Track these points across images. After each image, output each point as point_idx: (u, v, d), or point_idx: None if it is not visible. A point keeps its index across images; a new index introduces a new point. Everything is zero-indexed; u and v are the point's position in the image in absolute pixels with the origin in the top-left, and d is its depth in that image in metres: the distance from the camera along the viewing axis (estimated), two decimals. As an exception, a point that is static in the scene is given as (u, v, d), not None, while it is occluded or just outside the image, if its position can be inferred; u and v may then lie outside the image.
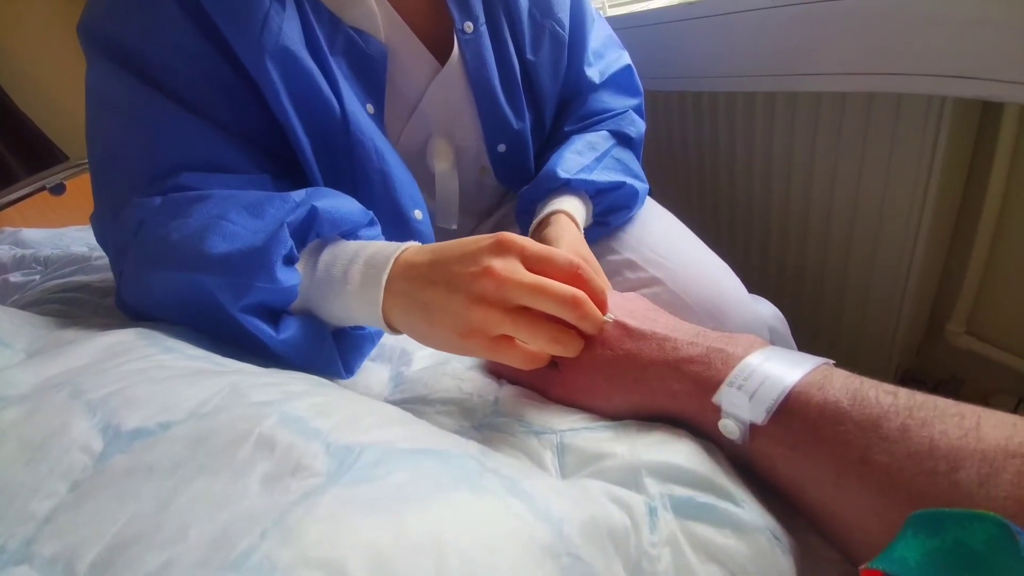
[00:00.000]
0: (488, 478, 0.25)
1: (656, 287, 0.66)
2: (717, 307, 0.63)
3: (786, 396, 0.27)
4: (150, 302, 0.45)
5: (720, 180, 1.13)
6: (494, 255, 0.35)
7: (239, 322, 0.39)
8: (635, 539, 0.25)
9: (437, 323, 0.36)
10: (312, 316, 0.43)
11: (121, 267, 0.47)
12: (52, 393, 0.27)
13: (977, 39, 0.62)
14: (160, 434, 0.24)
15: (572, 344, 0.36)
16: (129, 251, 0.45)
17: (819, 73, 0.79)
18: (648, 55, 1.05)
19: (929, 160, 0.77)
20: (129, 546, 0.19)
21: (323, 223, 0.42)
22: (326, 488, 0.21)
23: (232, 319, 0.39)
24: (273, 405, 0.26)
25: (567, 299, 0.34)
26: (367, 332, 0.46)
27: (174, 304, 0.43)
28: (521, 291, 0.34)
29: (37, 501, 0.22)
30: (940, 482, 0.22)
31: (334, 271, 0.41)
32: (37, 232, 1.13)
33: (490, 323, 0.35)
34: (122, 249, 0.46)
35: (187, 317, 0.43)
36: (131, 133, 0.49)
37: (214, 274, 0.39)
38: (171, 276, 0.41)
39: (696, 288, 0.65)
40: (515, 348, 0.36)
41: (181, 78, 0.49)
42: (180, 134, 0.49)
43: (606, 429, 0.33)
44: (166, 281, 0.42)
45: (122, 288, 0.48)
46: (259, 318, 0.39)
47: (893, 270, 0.89)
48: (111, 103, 0.50)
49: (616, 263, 0.70)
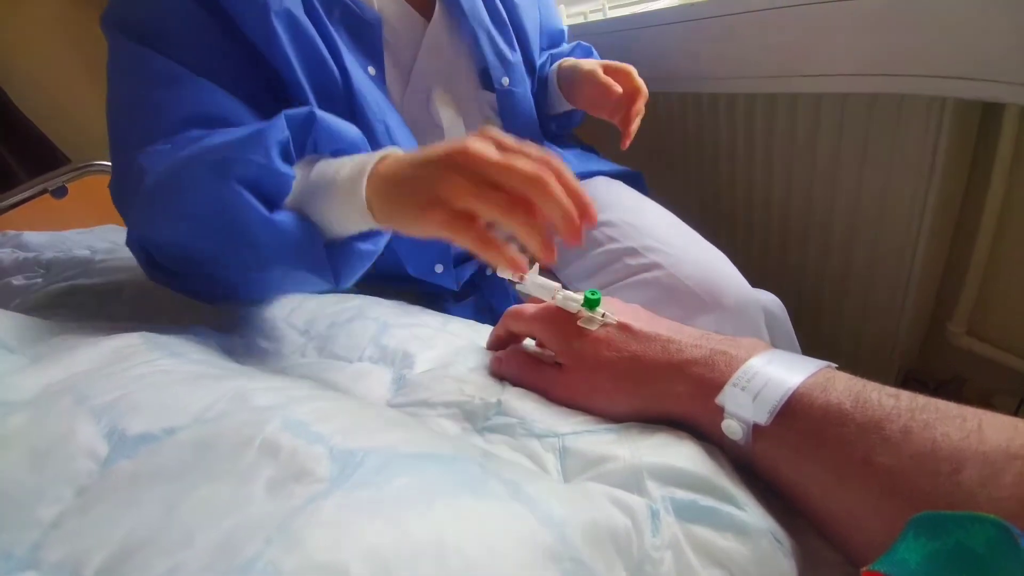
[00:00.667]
0: (490, 482, 0.25)
1: (656, 271, 0.69)
2: (716, 287, 0.66)
3: (789, 398, 0.28)
4: (160, 226, 0.47)
5: (721, 182, 1.13)
6: (473, 140, 0.37)
7: (235, 203, 0.40)
8: (637, 542, 0.25)
9: (405, 194, 0.38)
10: (305, 217, 0.44)
11: (133, 201, 0.49)
12: (57, 398, 0.27)
13: (978, 40, 0.62)
14: (165, 439, 0.24)
15: (531, 228, 0.36)
16: (140, 184, 0.47)
17: (820, 74, 0.79)
18: (649, 57, 1.05)
19: (930, 161, 0.77)
20: (135, 552, 0.19)
21: (321, 132, 0.45)
22: (330, 493, 0.21)
23: (229, 202, 0.40)
24: (276, 409, 0.26)
25: (531, 176, 0.35)
26: (359, 247, 0.46)
27: (178, 218, 0.45)
28: (489, 166, 0.35)
29: (43, 507, 0.22)
30: (942, 483, 0.23)
31: (326, 171, 0.43)
32: (39, 235, 1.13)
33: (455, 192, 0.35)
34: (134, 189, 0.48)
35: (191, 230, 0.45)
36: (144, 96, 0.53)
37: (214, 156, 0.41)
38: (176, 184, 0.44)
39: (695, 271, 0.68)
40: (472, 227, 0.37)
41: (186, 46, 0.54)
42: (188, 93, 0.53)
43: (608, 432, 0.33)
44: (171, 193, 0.45)
45: (133, 222, 0.50)
46: (254, 196, 0.41)
47: (894, 271, 0.89)
48: (126, 72, 0.55)
49: (617, 251, 0.74)
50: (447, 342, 0.49)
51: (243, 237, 0.42)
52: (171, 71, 0.53)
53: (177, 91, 0.53)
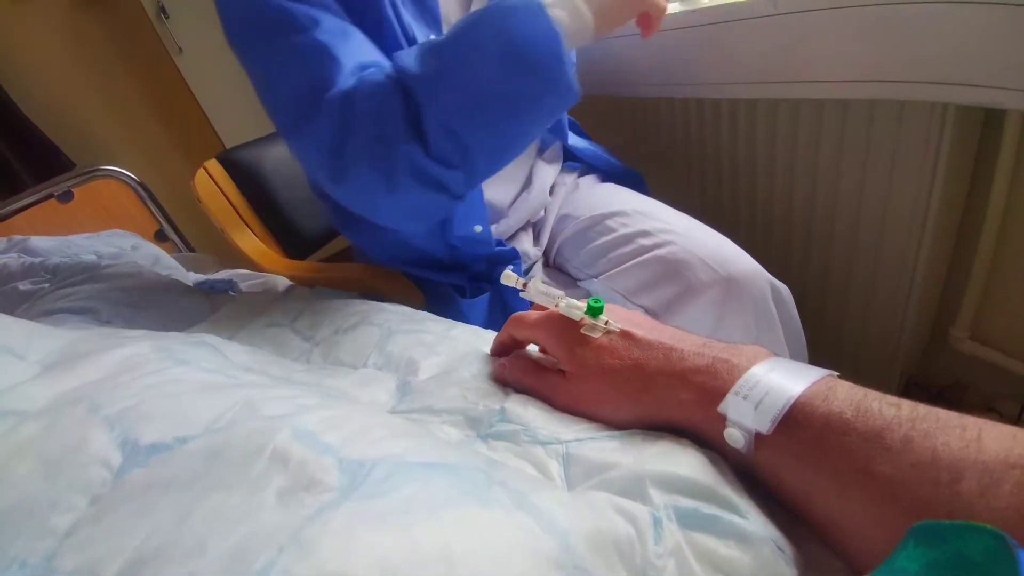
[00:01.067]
0: (496, 491, 0.25)
1: (669, 246, 0.74)
2: (725, 258, 0.71)
3: (791, 407, 0.28)
4: (448, 96, 0.57)
5: (723, 188, 1.14)
6: None
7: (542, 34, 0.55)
8: (640, 550, 0.25)
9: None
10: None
11: (339, 143, 0.58)
12: (69, 408, 0.27)
13: (979, 46, 0.62)
14: (177, 448, 0.25)
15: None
16: (348, 119, 0.58)
17: (822, 80, 0.80)
18: (650, 63, 1.06)
19: (932, 167, 0.77)
20: (149, 560, 0.19)
21: None
22: (340, 503, 0.22)
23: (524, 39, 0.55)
24: (285, 419, 0.26)
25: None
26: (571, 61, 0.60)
27: (471, 76, 0.57)
28: None
29: (57, 516, 0.22)
30: (942, 492, 0.23)
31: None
32: (45, 240, 1.14)
33: None
34: (331, 132, 0.58)
35: (479, 92, 0.57)
36: (325, 45, 0.59)
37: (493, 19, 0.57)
38: (463, 51, 0.57)
39: (703, 246, 0.73)
40: None
41: (333, 9, 0.62)
42: (353, 43, 0.61)
43: (611, 439, 0.33)
44: (457, 62, 0.57)
45: (351, 159, 0.59)
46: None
47: (897, 277, 0.89)
48: (295, 30, 0.60)
49: (630, 234, 0.79)
50: (451, 348, 0.50)
51: (528, 66, 0.55)
52: (344, 27, 0.62)
53: (340, 41, 0.60)
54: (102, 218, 1.48)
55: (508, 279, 0.45)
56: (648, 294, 0.75)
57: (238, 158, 1.07)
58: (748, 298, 0.70)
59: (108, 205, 1.53)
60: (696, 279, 0.71)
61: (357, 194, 0.63)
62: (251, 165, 1.07)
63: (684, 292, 0.72)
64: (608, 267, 0.81)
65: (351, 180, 0.60)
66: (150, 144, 1.88)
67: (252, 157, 1.09)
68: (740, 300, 0.70)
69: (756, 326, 0.71)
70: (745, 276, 0.70)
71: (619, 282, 0.79)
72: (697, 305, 0.71)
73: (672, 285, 0.73)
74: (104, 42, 1.74)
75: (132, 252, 1.08)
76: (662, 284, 0.74)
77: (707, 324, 0.71)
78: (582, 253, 0.85)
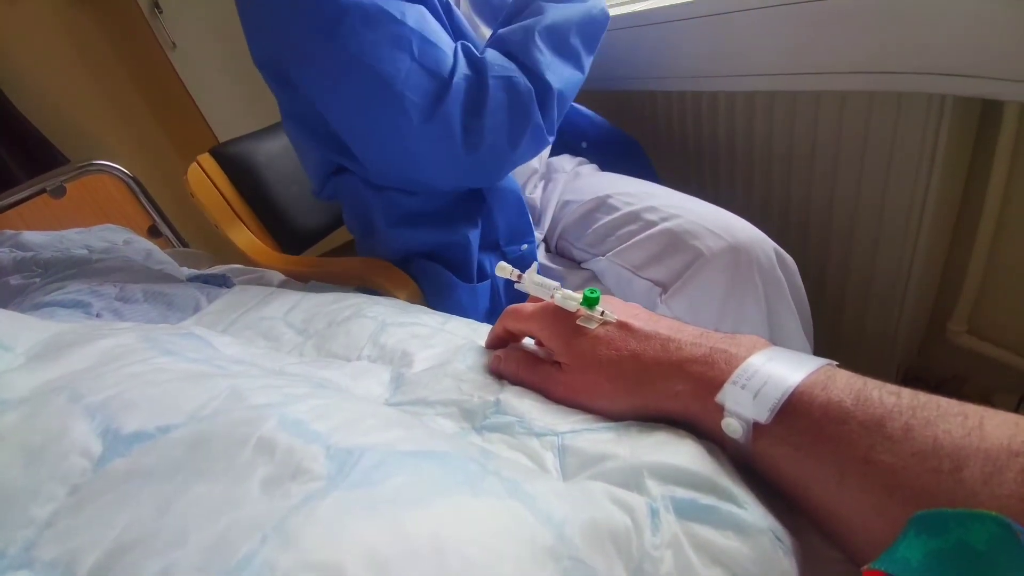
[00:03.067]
0: (489, 480, 0.25)
1: (676, 219, 0.76)
2: (730, 226, 0.73)
3: (789, 396, 0.27)
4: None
5: (719, 182, 1.13)
6: None
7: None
8: (637, 541, 0.25)
9: None
10: None
11: (473, 121, 0.70)
12: (51, 397, 0.26)
13: (977, 37, 0.62)
14: (159, 437, 0.24)
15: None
16: (479, 101, 0.70)
17: (819, 72, 0.79)
18: (648, 55, 1.05)
19: (930, 158, 0.77)
20: (128, 551, 0.19)
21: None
22: (326, 492, 0.21)
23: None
24: (273, 408, 0.26)
25: None
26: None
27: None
28: None
29: (37, 505, 0.22)
30: (944, 481, 0.22)
31: None
32: (37, 235, 1.13)
33: None
34: (463, 113, 0.69)
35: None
36: (406, 40, 0.67)
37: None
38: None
39: (708, 217, 0.75)
40: None
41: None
42: (431, 22, 0.69)
43: (607, 430, 0.33)
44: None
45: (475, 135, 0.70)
46: None
47: (894, 269, 0.89)
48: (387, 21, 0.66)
49: (636, 211, 0.81)
50: (446, 341, 0.49)
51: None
52: (422, 11, 0.69)
53: (429, 31, 0.68)
54: (95, 213, 1.47)
55: (503, 271, 0.45)
56: (657, 266, 0.76)
57: (231, 152, 1.06)
58: (755, 264, 0.71)
59: (101, 200, 1.52)
60: (705, 247, 0.72)
61: (488, 161, 0.74)
62: (245, 159, 1.07)
63: (693, 261, 0.72)
64: (615, 245, 0.81)
65: (484, 151, 0.71)
66: (143, 139, 1.87)
67: (246, 151, 1.08)
68: (748, 266, 0.71)
69: (765, 292, 0.72)
70: (751, 242, 0.72)
71: (627, 257, 0.79)
72: (707, 273, 0.71)
73: (681, 255, 0.74)
74: (98, 37, 1.73)
75: (124, 247, 1.07)
76: (671, 255, 0.75)
77: (718, 292, 0.71)
78: (588, 234, 0.86)
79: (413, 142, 0.70)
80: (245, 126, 1.19)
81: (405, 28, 0.66)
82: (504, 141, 0.72)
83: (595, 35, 0.80)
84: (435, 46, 0.68)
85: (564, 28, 0.76)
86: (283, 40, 0.70)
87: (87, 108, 1.72)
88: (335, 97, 0.71)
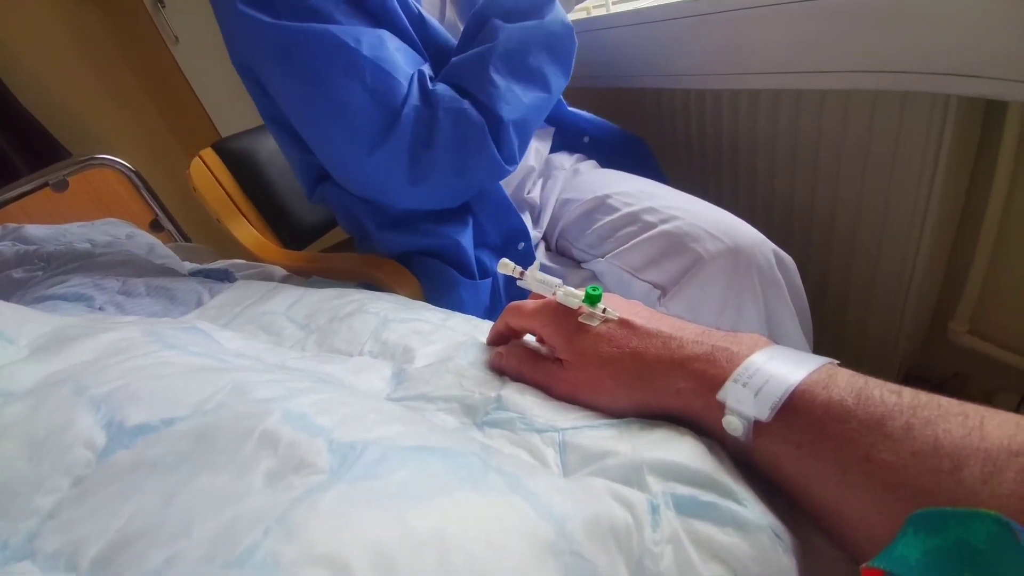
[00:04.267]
0: (491, 476, 0.25)
1: (675, 221, 0.76)
2: (729, 229, 0.73)
3: (791, 394, 0.27)
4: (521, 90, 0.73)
5: (722, 181, 1.13)
6: None
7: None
8: (637, 537, 0.25)
9: None
10: None
11: (421, 152, 0.69)
12: (55, 389, 0.27)
13: (982, 37, 0.62)
14: (163, 430, 0.24)
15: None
16: (428, 133, 0.68)
17: (823, 71, 0.79)
18: (651, 53, 1.05)
19: (933, 158, 0.77)
20: (132, 542, 0.19)
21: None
22: (329, 485, 0.21)
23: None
24: (276, 401, 0.26)
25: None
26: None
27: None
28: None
29: (40, 497, 0.22)
30: (944, 480, 0.22)
31: None
32: (40, 228, 1.13)
33: None
34: (411, 144, 0.68)
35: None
36: (360, 73, 0.66)
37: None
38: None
39: (708, 219, 0.75)
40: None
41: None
42: (389, 49, 0.68)
43: (608, 427, 0.33)
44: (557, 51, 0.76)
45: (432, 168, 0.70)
46: None
47: (897, 269, 0.89)
48: (329, 57, 0.65)
49: (636, 211, 0.80)
50: (447, 337, 0.49)
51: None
52: (373, 34, 0.67)
53: (389, 51, 0.68)
54: (97, 207, 1.47)
55: (505, 267, 0.45)
56: (656, 269, 0.76)
57: (234, 147, 1.06)
58: (754, 267, 0.71)
59: (103, 194, 1.52)
60: (704, 250, 0.71)
61: (435, 191, 0.74)
62: (247, 154, 1.07)
63: (692, 264, 0.72)
64: (615, 246, 0.81)
65: (431, 183, 0.71)
66: (146, 133, 1.87)
67: (248, 146, 1.08)
68: (747, 269, 0.70)
69: (763, 294, 0.72)
70: (750, 245, 0.71)
71: (626, 259, 0.79)
72: (705, 276, 0.71)
73: (680, 258, 0.73)
74: (100, 31, 1.72)
75: (126, 241, 1.07)
76: (669, 258, 0.74)
77: (716, 294, 0.71)
78: (587, 234, 0.85)
79: (363, 168, 0.71)
80: (248, 121, 1.19)
81: (359, 56, 0.65)
82: (451, 174, 0.71)
83: (560, 50, 0.78)
84: (389, 75, 0.66)
85: (520, 51, 0.73)
86: (251, 54, 0.70)
87: (90, 102, 1.72)
88: (297, 116, 0.72)
